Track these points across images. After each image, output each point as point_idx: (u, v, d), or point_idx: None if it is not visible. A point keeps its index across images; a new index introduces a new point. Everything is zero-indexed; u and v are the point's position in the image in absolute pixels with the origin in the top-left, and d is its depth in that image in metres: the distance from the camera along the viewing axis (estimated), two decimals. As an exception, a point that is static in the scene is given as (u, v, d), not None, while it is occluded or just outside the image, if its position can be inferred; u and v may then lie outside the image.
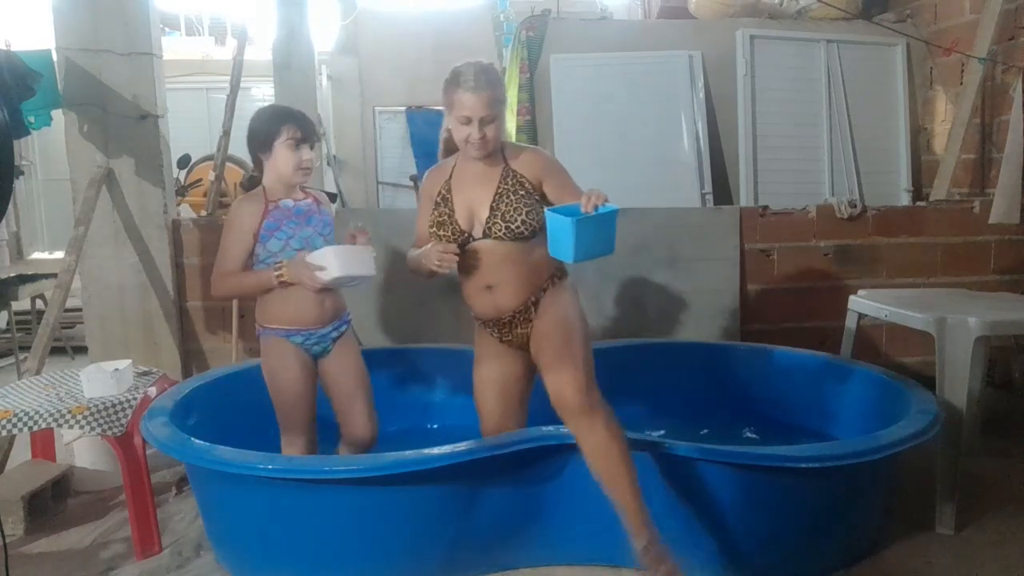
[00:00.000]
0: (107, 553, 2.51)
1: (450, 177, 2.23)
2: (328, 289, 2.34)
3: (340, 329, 2.46)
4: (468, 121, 2.08)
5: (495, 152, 2.18)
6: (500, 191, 2.15)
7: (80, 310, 4.00)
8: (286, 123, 2.30)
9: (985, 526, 2.57)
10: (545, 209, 2.02)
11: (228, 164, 4.32)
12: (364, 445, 2.47)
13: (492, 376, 2.31)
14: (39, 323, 3.36)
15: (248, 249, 2.34)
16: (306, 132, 2.33)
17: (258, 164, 2.41)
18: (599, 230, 1.91)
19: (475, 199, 2.17)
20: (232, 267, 2.34)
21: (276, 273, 2.27)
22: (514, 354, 2.29)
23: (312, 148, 2.36)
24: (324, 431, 2.50)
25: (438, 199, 2.22)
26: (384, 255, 3.47)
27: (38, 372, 2.93)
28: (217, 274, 2.35)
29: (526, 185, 2.16)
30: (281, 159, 2.32)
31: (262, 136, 2.33)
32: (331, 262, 2.24)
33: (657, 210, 3.78)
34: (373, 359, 2.68)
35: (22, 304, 5.03)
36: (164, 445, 2.24)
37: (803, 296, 3.84)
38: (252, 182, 2.45)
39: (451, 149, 2.28)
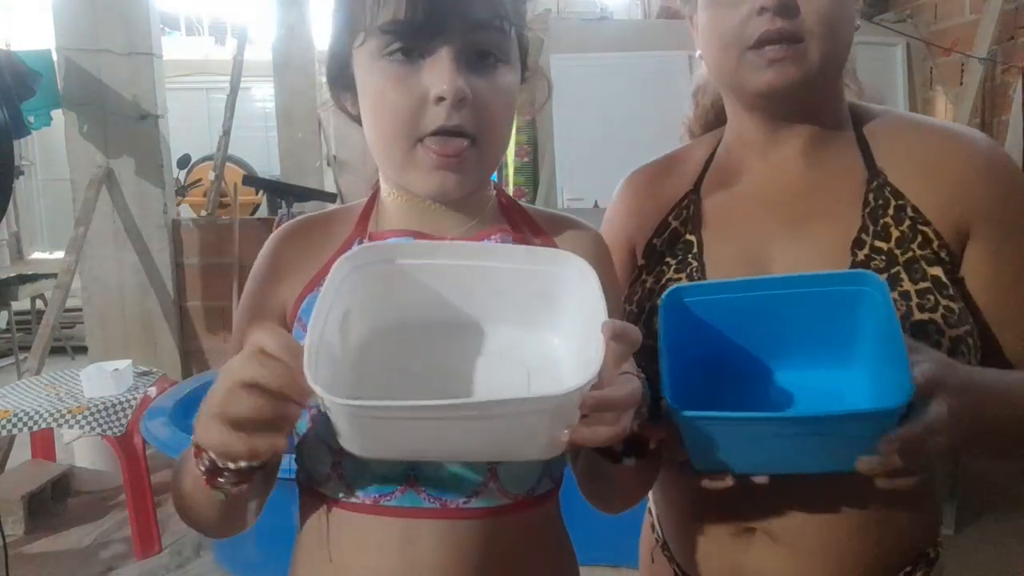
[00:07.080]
0: (107, 553, 2.51)
1: (696, 191, 0.89)
2: None
3: None
4: None
5: (832, 105, 0.83)
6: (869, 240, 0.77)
7: (80, 310, 4.00)
8: None
9: (985, 526, 2.57)
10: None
11: (228, 164, 4.33)
12: None
13: None
14: (39, 323, 3.36)
15: None
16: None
17: None
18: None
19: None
20: None
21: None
22: None
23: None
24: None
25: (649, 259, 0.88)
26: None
27: (38, 372, 2.93)
28: None
29: (919, 223, 0.76)
30: None
31: None
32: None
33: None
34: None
35: (22, 304, 5.04)
36: (164, 445, 2.24)
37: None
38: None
39: (718, 113, 0.93)
